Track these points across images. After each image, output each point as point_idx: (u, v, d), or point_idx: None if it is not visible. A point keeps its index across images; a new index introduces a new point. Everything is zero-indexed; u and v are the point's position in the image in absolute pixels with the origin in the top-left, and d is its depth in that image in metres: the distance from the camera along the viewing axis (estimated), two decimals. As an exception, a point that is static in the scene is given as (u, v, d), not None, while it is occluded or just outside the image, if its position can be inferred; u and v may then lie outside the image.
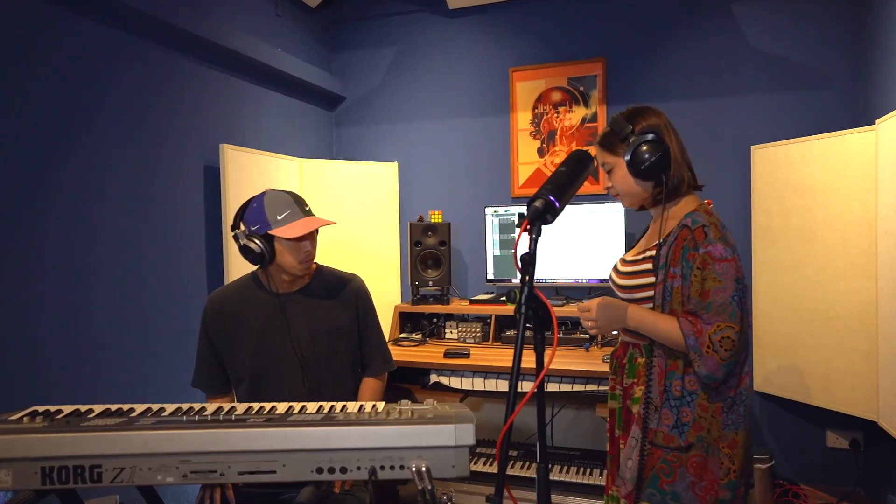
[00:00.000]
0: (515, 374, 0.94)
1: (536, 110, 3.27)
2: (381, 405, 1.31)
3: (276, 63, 2.99)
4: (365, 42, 3.62)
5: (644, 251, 1.54)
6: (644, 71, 3.06)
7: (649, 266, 1.48)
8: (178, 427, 1.08)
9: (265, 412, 1.27)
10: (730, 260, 1.38)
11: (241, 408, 1.35)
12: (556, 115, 3.23)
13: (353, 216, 3.31)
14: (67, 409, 1.31)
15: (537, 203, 1.03)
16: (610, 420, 1.61)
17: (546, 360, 1.00)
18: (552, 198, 1.03)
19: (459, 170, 3.44)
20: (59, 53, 1.99)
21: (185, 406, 1.35)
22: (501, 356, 2.55)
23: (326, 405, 1.35)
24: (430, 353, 2.58)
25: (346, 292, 1.85)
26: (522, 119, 3.30)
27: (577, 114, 3.20)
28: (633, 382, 1.52)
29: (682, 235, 1.42)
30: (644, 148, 1.43)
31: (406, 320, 3.06)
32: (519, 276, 1.40)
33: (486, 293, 3.11)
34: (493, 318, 2.85)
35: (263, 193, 1.71)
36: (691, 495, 1.41)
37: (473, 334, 2.85)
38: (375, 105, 3.61)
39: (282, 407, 1.34)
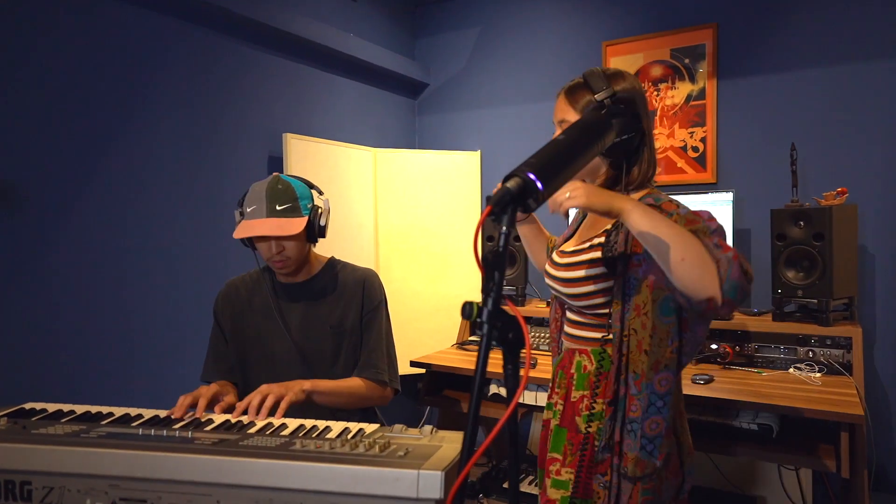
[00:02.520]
0: (474, 413, 0.68)
1: (633, 89, 2.86)
2: (369, 429, 1.10)
3: (347, 49, 2.87)
4: (447, 25, 3.41)
5: (590, 238, 1.25)
6: (766, 36, 2.54)
7: (598, 254, 1.18)
8: (114, 446, 0.94)
9: (234, 430, 1.11)
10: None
11: (217, 419, 1.20)
12: (656, 93, 2.81)
13: (432, 208, 3.12)
14: (52, 408, 1.24)
15: (510, 183, 0.73)
16: (543, 432, 1.34)
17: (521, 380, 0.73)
18: (532, 176, 0.72)
19: (545, 158, 3.12)
20: (113, 43, 2.00)
21: (163, 413, 1.23)
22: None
23: (308, 423, 1.16)
24: (494, 361, 2.32)
25: (354, 287, 1.64)
26: (617, 99, 2.90)
27: (682, 90, 2.75)
28: (583, 395, 1.23)
29: None
30: (618, 119, 1.13)
31: (478, 322, 2.82)
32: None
33: (569, 295, 2.76)
34: (573, 323, 2.50)
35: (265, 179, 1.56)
36: None
37: (548, 340, 2.52)
38: (458, 91, 3.39)
39: (260, 423, 1.17)
